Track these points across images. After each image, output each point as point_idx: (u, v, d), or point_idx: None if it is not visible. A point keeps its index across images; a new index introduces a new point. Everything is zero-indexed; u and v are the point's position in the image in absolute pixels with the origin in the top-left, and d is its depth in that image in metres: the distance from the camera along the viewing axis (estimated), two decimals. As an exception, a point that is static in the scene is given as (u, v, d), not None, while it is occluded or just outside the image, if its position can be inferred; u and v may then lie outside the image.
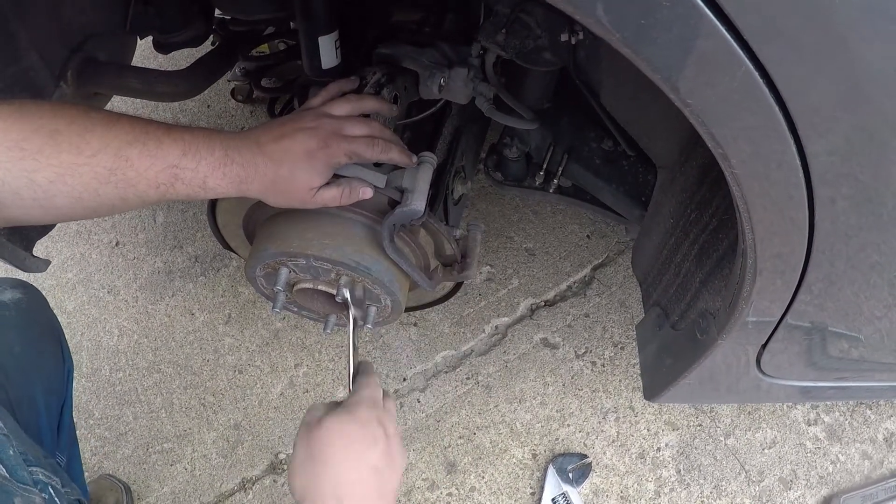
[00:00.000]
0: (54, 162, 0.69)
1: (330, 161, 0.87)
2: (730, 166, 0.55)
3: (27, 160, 0.68)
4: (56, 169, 0.70)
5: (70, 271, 1.96)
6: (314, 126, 0.88)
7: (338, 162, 0.88)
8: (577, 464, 1.56)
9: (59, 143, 0.70)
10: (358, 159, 0.90)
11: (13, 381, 1.01)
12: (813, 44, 0.48)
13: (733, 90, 0.51)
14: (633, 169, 1.26)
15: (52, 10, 1.09)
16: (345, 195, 0.90)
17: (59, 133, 0.70)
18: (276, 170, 0.83)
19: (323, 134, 0.87)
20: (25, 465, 0.85)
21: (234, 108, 2.19)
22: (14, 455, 0.84)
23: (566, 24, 0.90)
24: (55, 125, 0.70)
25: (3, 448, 0.83)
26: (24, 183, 0.69)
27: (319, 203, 0.89)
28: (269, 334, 1.81)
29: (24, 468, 0.84)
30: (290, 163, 0.84)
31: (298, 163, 0.84)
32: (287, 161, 0.83)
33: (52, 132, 0.70)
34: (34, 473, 0.86)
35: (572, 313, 1.77)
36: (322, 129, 0.88)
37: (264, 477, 1.64)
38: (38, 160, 0.69)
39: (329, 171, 0.88)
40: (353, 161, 0.90)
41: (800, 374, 0.99)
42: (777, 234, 0.63)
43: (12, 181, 0.68)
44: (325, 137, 0.87)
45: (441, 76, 1.07)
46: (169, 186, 0.76)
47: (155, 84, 1.25)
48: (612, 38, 0.50)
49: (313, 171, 0.85)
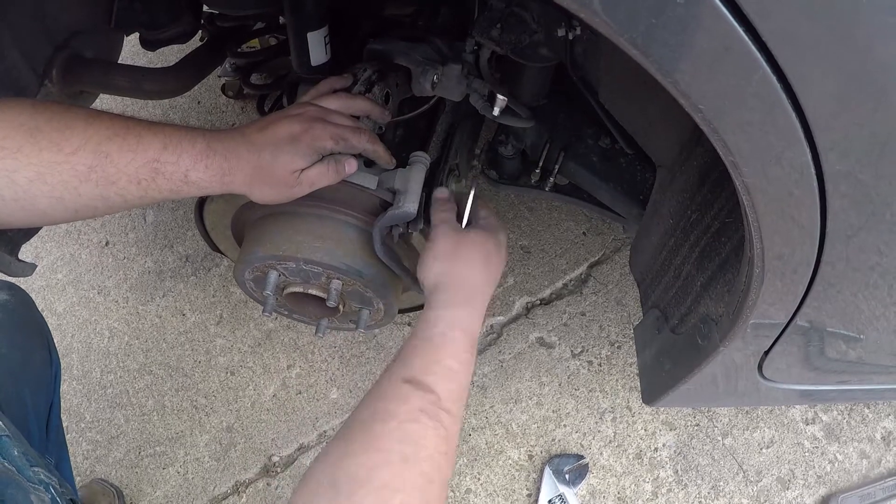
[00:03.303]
0: (34, 160, 0.69)
1: (313, 143, 0.85)
2: (740, 174, 0.53)
3: (7, 159, 0.68)
4: (36, 168, 0.69)
5: (60, 272, 1.93)
6: (299, 112, 0.87)
7: (322, 146, 0.86)
8: (574, 465, 1.54)
9: (39, 140, 0.69)
10: (344, 145, 0.88)
11: (1, 384, 0.99)
12: (834, 48, 0.45)
13: (749, 95, 0.48)
14: (631, 167, 1.24)
15: (34, 7, 1.06)
16: (331, 170, 0.88)
17: (39, 130, 0.69)
18: (258, 155, 0.81)
19: (307, 118, 0.86)
20: (29, 464, 0.85)
21: (224, 104, 2.16)
22: (18, 455, 0.84)
23: (563, 19, 0.88)
24: (35, 122, 0.70)
25: (8, 448, 0.84)
26: (5, 183, 0.68)
27: (306, 185, 0.86)
28: (262, 335, 1.78)
29: (28, 468, 0.85)
30: (273, 146, 0.82)
31: (281, 145, 0.82)
32: (269, 145, 0.82)
33: (32, 130, 0.69)
34: (37, 473, 0.87)
35: (568, 312, 1.75)
36: (306, 114, 0.87)
37: (257, 480, 1.62)
38: (17, 159, 0.68)
39: (314, 155, 0.85)
40: (339, 146, 0.87)
41: (800, 378, 0.97)
42: (787, 241, 0.61)
43: None
44: (309, 120, 0.86)
45: (434, 73, 1.05)
46: (150, 182, 0.75)
47: (142, 82, 1.22)
48: (619, 39, 0.47)
49: (296, 153, 0.83)
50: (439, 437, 0.74)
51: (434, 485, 0.72)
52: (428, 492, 0.71)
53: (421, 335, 0.84)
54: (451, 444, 0.76)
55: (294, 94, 1.16)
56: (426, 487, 0.71)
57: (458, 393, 0.80)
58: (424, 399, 0.76)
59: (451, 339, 0.83)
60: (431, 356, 0.81)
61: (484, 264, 0.91)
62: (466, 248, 0.91)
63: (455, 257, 0.90)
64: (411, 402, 0.76)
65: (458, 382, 0.81)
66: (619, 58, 0.78)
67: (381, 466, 0.69)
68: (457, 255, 0.90)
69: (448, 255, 0.90)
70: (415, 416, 0.74)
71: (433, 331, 0.84)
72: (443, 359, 0.81)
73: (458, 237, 0.92)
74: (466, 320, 0.86)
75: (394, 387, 0.78)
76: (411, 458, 0.71)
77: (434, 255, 0.90)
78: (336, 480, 0.68)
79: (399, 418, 0.74)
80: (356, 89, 1.02)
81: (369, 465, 0.69)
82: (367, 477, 0.68)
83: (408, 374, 0.79)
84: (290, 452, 1.65)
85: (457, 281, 0.88)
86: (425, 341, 0.83)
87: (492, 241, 0.95)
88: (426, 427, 0.74)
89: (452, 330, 0.83)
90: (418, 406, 0.75)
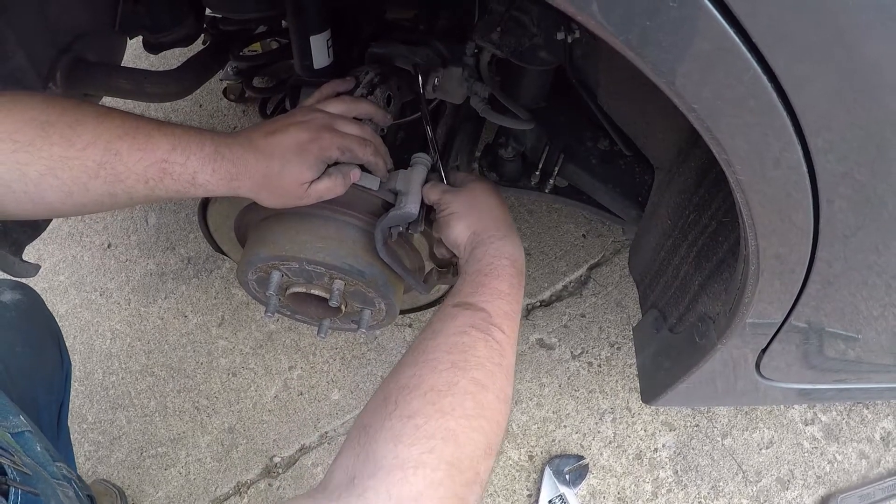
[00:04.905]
0: (45, 155, 0.69)
1: (321, 154, 0.85)
2: (734, 172, 0.54)
3: (20, 152, 0.68)
4: (47, 162, 0.70)
5: (62, 274, 1.94)
6: (306, 120, 0.88)
7: (329, 156, 0.86)
8: (574, 465, 1.55)
9: (51, 135, 0.70)
10: (350, 156, 0.89)
11: (16, 382, 1.01)
12: (824, 47, 0.46)
13: (741, 94, 0.49)
14: (629, 169, 1.25)
15: (39, 10, 1.07)
16: (338, 184, 0.88)
17: (51, 125, 0.70)
18: (266, 164, 0.81)
19: (315, 126, 0.86)
20: (52, 460, 0.86)
21: (226, 107, 2.17)
22: (41, 451, 0.85)
23: (562, 23, 0.89)
24: (47, 117, 0.70)
25: (32, 444, 0.85)
26: (17, 176, 0.69)
27: (314, 197, 0.87)
28: (263, 336, 1.79)
29: (52, 463, 0.86)
30: (281, 156, 0.82)
31: (289, 156, 0.82)
32: (277, 155, 0.82)
33: (44, 124, 0.70)
34: (60, 468, 0.87)
35: (568, 313, 1.75)
36: (314, 122, 0.87)
37: (259, 480, 1.63)
38: (29, 152, 0.69)
39: (321, 166, 0.86)
40: (344, 156, 0.88)
41: (798, 377, 0.98)
42: (781, 239, 0.62)
43: (4, 174, 0.68)
44: (316, 130, 0.86)
45: (435, 76, 1.06)
46: (158, 182, 0.76)
47: (145, 84, 1.23)
48: (615, 41, 0.48)
49: (304, 165, 0.84)
50: (491, 348, 0.74)
51: (488, 392, 0.70)
52: (481, 397, 0.69)
53: (469, 269, 0.86)
54: (506, 360, 0.75)
55: (296, 98, 1.17)
56: (479, 393, 0.69)
57: (509, 313, 0.80)
58: (474, 316, 0.77)
59: (500, 265, 0.85)
60: (480, 281, 0.83)
61: (498, 204, 0.96)
62: (477, 197, 0.95)
63: (475, 207, 0.93)
64: (459, 319, 0.77)
65: (508, 303, 0.81)
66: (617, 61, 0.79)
67: (428, 373, 0.70)
68: (475, 205, 0.94)
69: (469, 209, 0.93)
70: (463, 329, 0.75)
71: (481, 263, 0.86)
72: (491, 282, 0.82)
73: (464, 194, 0.95)
74: (510, 248, 0.88)
75: (443, 311, 0.80)
76: (460, 365, 0.71)
77: (457, 217, 0.93)
78: (388, 393, 0.69)
79: (446, 332, 0.75)
80: (358, 92, 1.03)
81: (417, 374, 0.70)
82: (416, 384, 0.69)
83: (457, 299, 0.80)
84: (292, 453, 1.65)
85: (488, 222, 0.92)
86: (474, 273, 0.85)
87: (487, 185, 0.99)
88: (476, 339, 0.74)
89: (500, 259, 0.86)
90: (468, 322, 0.76)
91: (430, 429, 0.64)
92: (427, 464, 0.62)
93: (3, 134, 0.68)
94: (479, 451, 0.67)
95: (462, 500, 0.64)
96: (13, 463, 0.73)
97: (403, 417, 0.65)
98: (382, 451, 0.62)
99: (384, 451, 0.63)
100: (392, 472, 0.61)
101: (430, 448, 0.63)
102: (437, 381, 0.69)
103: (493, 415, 0.70)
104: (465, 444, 0.66)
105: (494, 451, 0.70)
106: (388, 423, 0.65)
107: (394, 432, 0.64)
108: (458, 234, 0.92)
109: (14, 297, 1.12)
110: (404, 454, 0.62)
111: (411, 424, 0.65)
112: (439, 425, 0.65)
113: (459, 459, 0.64)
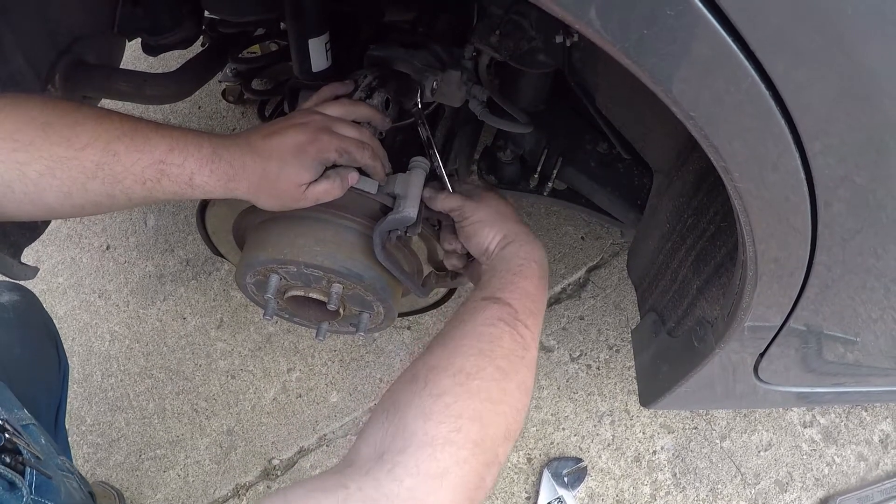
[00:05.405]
0: (45, 154, 0.70)
1: (319, 156, 0.85)
2: (732, 179, 0.54)
3: (20, 152, 0.69)
4: (46, 162, 0.70)
5: (60, 276, 1.94)
6: (304, 122, 0.88)
7: (327, 158, 0.86)
8: (573, 468, 1.55)
9: (50, 135, 0.70)
10: (348, 158, 0.89)
11: (14, 383, 1.01)
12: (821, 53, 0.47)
13: (738, 102, 0.49)
14: (628, 172, 1.25)
15: (37, 11, 1.07)
16: (336, 187, 0.89)
17: (51, 125, 0.71)
18: (264, 165, 0.81)
19: (313, 129, 0.86)
20: (55, 453, 0.87)
21: (225, 109, 2.17)
22: (46, 445, 0.86)
23: (561, 26, 0.89)
24: (47, 117, 0.71)
25: (37, 436, 0.86)
26: (16, 176, 0.70)
27: (312, 199, 0.87)
28: (262, 339, 1.79)
29: (56, 457, 0.87)
30: (279, 157, 0.82)
31: (287, 157, 0.83)
32: (275, 156, 0.82)
33: (44, 124, 0.71)
34: (63, 462, 0.89)
35: (567, 316, 1.75)
36: (312, 124, 0.88)
37: (258, 483, 1.63)
38: (29, 152, 0.70)
39: (319, 168, 0.86)
40: (342, 159, 0.88)
41: (797, 380, 0.98)
42: (779, 243, 0.62)
43: (5, 173, 0.69)
44: (314, 132, 0.86)
45: (434, 79, 1.06)
46: (155, 182, 0.76)
47: (144, 87, 1.23)
48: (613, 49, 0.48)
49: (301, 167, 0.84)
50: (515, 341, 0.77)
51: (511, 381, 0.73)
52: (505, 384, 0.72)
53: (499, 267, 0.89)
54: (529, 354, 0.78)
55: (295, 100, 1.16)
56: (503, 380, 0.73)
57: (534, 312, 0.83)
58: (502, 310, 0.80)
59: (529, 267, 0.88)
60: (509, 279, 0.86)
61: (513, 211, 0.99)
62: (497, 205, 0.99)
63: (500, 214, 0.97)
64: (488, 311, 0.80)
65: (534, 303, 0.84)
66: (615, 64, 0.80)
67: (457, 357, 0.73)
68: (499, 212, 0.97)
69: (494, 216, 0.96)
70: (492, 322, 0.78)
71: (511, 263, 0.89)
72: (520, 281, 0.85)
73: (485, 202, 0.98)
74: (538, 253, 0.92)
75: (472, 303, 0.82)
76: (487, 353, 0.74)
77: (485, 225, 0.95)
78: (416, 372, 0.72)
79: (475, 322, 0.78)
80: (357, 95, 1.03)
81: (447, 356, 0.73)
82: (445, 365, 0.72)
83: (486, 293, 0.83)
84: (291, 455, 1.65)
85: (515, 227, 0.95)
86: (503, 271, 0.88)
87: (498, 194, 1.03)
88: (503, 331, 0.77)
89: (529, 262, 0.89)
90: (496, 315, 0.79)
91: (459, 408, 0.67)
92: (455, 442, 0.65)
93: (4, 133, 0.68)
94: (501, 434, 0.70)
95: (482, 480, 0.66)
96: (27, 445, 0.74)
97: (433, 396, 0.68)
98: (412, 428, 0.65)
99: (414, 427, 0.65)
100: (422, 447, 0.63)
101: (457, 427, 0.66)
102: (466, 364, 0.72)
103: (515, 402, 0.74)
104: (488, 426, 0.68)
105: (513, 437, 0.73)
106: (418, 401, 0.68)
107: (423, 409, 0.67)
108: (489, 240, 0.94)
109: (11, 298, 1.12)
110: (433, 431, 0.65)
111: (441, 403, 0.67)
112: (467, 405, 0.68)
113: (483, 440, 0.67)
